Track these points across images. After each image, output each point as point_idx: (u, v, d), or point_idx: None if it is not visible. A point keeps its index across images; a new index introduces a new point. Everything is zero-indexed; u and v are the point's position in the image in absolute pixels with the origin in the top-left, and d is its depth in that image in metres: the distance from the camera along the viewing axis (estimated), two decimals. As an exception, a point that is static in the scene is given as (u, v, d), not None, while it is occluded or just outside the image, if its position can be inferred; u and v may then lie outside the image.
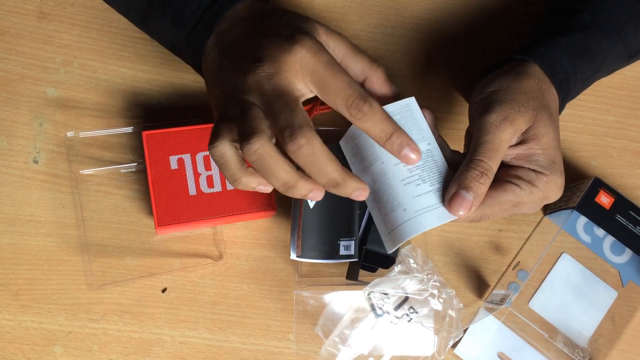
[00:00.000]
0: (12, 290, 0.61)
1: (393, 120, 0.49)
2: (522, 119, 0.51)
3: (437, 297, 0.58)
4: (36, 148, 0.64)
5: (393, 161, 0.52)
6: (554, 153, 0.52)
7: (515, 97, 0.52)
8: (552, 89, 0.55)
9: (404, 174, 0.52)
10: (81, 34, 0.66)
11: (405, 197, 0.51)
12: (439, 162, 0.52)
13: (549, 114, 0.53)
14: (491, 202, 0.51)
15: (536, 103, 0.53)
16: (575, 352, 0.62)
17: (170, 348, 0.61)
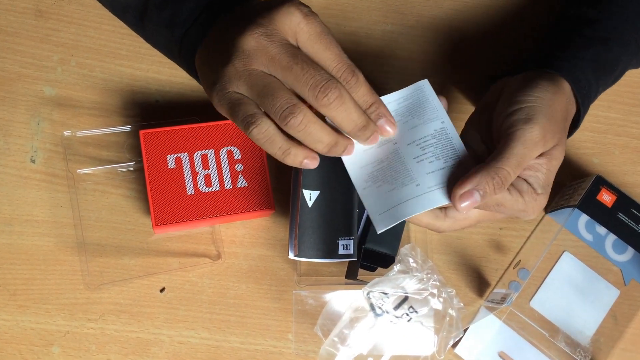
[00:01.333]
0: (9, 290, 0.61)
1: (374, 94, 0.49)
2: (551, 140, 0.51)
3: (437, 297, 0.58)
4: (33, 147, 0.63)
5: (406, 141, 0.52)
6: (552, 178, 0.52)
7: (554, 116, 0.51)
8: (575, 106, 0.55)
9: (417, 152, 0.51)
10: (78, 32, 0.65)
11: (418, 173, 0.51)
12: (454, 140, 0.51)
13: (565, 140, 0.53)
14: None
15: (563, 126, 0.53)
16: (576, 352, 0.62)
17: (169, 348, 0.61)
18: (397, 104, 0.53)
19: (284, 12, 0.47)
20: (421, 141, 0.52)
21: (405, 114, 0.53)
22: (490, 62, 0.68)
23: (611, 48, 0.57)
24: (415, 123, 0.52)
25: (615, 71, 0.59)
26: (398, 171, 0.51)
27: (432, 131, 0.52)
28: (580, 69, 0.55)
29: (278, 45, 0.46)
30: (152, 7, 0.56)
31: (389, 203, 0.51)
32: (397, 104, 0.53)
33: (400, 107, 0.53)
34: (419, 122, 0.52)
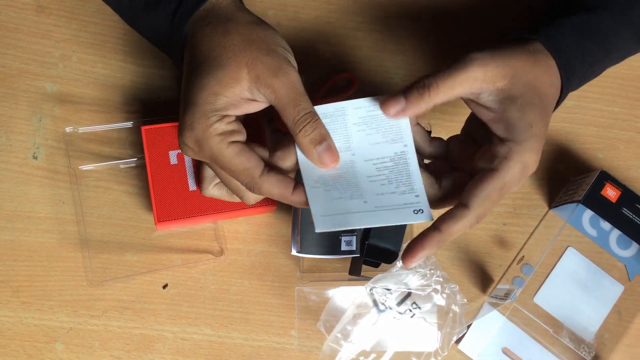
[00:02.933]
0: (12, 287, 0.61)
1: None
2: (496, 70, 0.49)
3: (441, 293, 0.58)
4: (35, 144, 0.63)
5: (365, 156, 0.51)
6: (532, 117, 0.50)
7: (500, 51, 0.51)
8: (552, 64, 0.53)
9: (372, 171, 0.51)
10: (79, 27, 0.65)
11: (368, 191, 0.51)
12: (412, 166, 0.51)
13: (531, 81, 0.51)
14: (478, 201, 0.48)
15: (519, 65, 0.50)
16: (580, 347, 0.62)
17: (172, 344, 0.61)
18: (366, 111, 0.52)
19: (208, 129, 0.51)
20: (378, 162, 0.51)
21: (372, 125, 0.52)
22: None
23: (600, 16, 0.56)
24: (377, 140, 0.51)
25: (604, 42, 0.56)
26: (350, 183, 0.51)
27: (392, 153, 0.51)
28: (559, 34, 0.54)
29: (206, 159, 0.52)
30: (138, 14, 0.57)
31: (334, 208, 0.50)
32: (366, 111, 0.52)
33: (369, 116, 0.52)
34: (382, 140, 0.51)
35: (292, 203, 0.51)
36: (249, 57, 0.50)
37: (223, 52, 0.51)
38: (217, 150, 0.50)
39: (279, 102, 0.50)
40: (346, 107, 0.52)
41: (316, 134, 0.50)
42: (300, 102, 0.50)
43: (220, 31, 0.52)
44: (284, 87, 0.50)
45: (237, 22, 0.52)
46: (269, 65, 0.50)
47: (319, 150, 0.50)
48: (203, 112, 0.50)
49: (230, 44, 0.51)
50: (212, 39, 0.52)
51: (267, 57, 0.50)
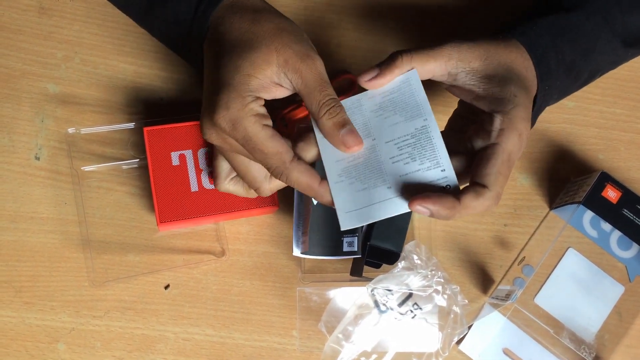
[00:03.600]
0: (15, 287, 0.61)
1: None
2: (469, 51, 0.52)
3: (442, 294, 0.58)
4: (38, 144, 0.63)
5: (385, 138, 0.51)
6: (513, 88, 0.51)
7: (473, 41, 0.53)
8: (529, 60, 0.54)
9: (394, 152, 0.51)
10: (82, 29, 0.65)
11: (392, 175, 0.51)
12: (435, 138, 0.50)
13: (505, 61, 0.52)
14: (493, 178, 0.49)
15: (492, 49, 0.52)
16: (581, 348, 0.62)
17: (174, 344, 0.61)
18: (382, 97, 0.52)
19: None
20: (399, 140, 0.51)
21: (389, 108, 0.52)
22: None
23: (574, 17, 0.57)
24: (396, 120, 0.52)
25: (579, 42, 0.57)
26: (372, 170, 0.51)
27: (412, 130, 0.51)
28: (533, 31, 0.55)
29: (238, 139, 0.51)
30: (156, 5, 0.57)
31: (358, 203, 0.50)
32: (382, 97, 0.52)
33: (385, 101, 0.52)
34: (401, 120, 0.52)
35: (317, 195, 0.51)
36: (278, 43, 0.51)
37: (253, 37, 0.52)
38: (252, 130, 0.50)
39: (305, 87, 0.51)
40: (361, 99, 0.53)
41: (340, 118, 0.51)
42: (325, 88, 0.51)
43: (249, 19, 0.53)
44: (311, 73, 0.51)
45: (265, 14, 0.53)
46: (297, 52, 0.51)
47: (343, 132, 0.51)
48: (239, 92, 0.50)
49: (260, 30, 0.52)
50: (241, 25, 0.53)
51: (296, 45, 0.51)
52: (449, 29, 0.68)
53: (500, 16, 0.68)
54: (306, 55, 0.51)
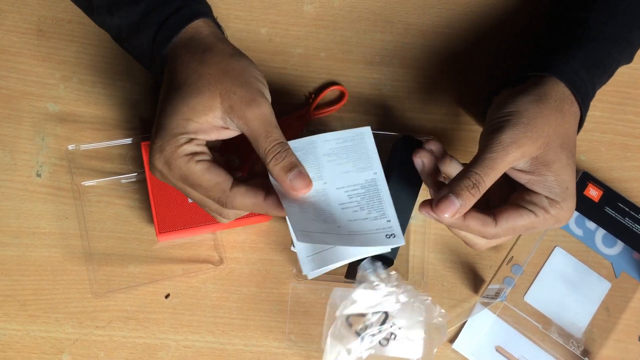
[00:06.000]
0: (19, 300, 0.63)
1: None
2: (532, 145, 0.52)
3: (413, 305, 0.58)
4: (39, 162, 0.65)
5: (336, 184, 0.53)
6: (567, 179, 0.53)
7: (531, 122, 0.52)
8: (575, 106, 0.56)
9: (344, 199, 0.53)
10: (79, 50, 0.68)
11: (341, 218, 0.52)
12: (382, 193, 0.53)
13: (563, 141, 0.54)
14: (506, 225, 0.52)
15: (551, 130, 0.53)
16: (569, 343, 0.64)
17: (175, 352, 0.63)
18: (335, 143, 0.55)
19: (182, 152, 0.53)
20: (350, 188, 0.53)
21: (342, 155, 0.55)
22: (479, 64, 0.70)
23: (602, 46, 0.58)
24: (348, 168, 0.54)
25: (608, 69, 0.60)
26: (323, 210, 0.52)
27: (362, 180, 0.54)
28: (575, 71, 0.56)
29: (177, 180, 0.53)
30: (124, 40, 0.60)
31: (310, 227, 0.51)
32: (335, 143, 0.55)
33: (338, 147, 0.55)
34: (352, 169, 0.54)
35: (266, 211, 0.52)
36: (222, 88, 0.52)
37: (198, 80, 0.53)
38: (186, 168, 0.52)
39: (251, 133, 0.52)
40: (316, 141, 0.55)
41: (287, 162, 0.52)
42: (271, 133, 0.52)
43: (197, 60, 0.54)
44: (256, 119, 0.52)
45: (214, 53, 0.54)
46: (242, 97, 0.52)
47: (290, 177, 0.52)
48: (172, 135, 0.52)
49: (206, 73, 0.53)
50: (189, 66, 0.54)
51: (241, 89, 0.52)
52: (434, 40, 0.70)
53: (485, 24, 0.71)
54: (251, 100, 0.52)
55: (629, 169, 0.68)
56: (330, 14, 0.70)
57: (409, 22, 0.70)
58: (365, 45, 0.70)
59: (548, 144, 0.52)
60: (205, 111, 0.52)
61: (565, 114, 0.54)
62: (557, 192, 0.53)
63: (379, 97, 0.69)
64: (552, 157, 0.52)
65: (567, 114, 0.55)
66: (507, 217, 0.52)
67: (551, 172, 0.52)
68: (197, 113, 0.52)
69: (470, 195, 0.51)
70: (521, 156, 0.52)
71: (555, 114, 0.54)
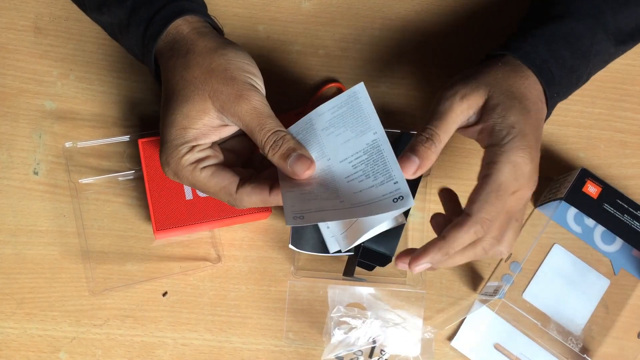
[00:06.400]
0: (16, 299, 0.63)
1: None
2: (474, 93, 0.52)
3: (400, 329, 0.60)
4: (36, 160, 0.65)
5: (339, 157, 0.52)
6: (514, 119, 0.51)
7: (471, 75, 0.54)
8: (528, 73, 0.55)
9: (349, 170, 0.51)
10: (77, 47, 0.67)
11: (346, 192, 0.50)
12: (386, 152, 0.50)
13: (507, 90, 0.53)
14: (477, 207, 0.50)
15: (491, 79, 0.53)
16: (568, 340, 0.63)
17: (173, 350, 0.63)
18: (331, 113, 0.53)
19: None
20: (353, 158, 0.51)
21: (339, 124, 0.52)
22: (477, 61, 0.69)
23: (566, 23, 0.58)
24: (348, 136, 0.52)
25: (575, 45, 0.58)
26: (327, 188, 0.51)
27: (364, 145, 0.51)
28: (527, 44, 0.56)
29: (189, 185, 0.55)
30: (119, 39, 0.61)
31: (308, 206, 0.50)
32: (331, 113, 0.53)
33: (334, 117, 0.52)
34: (352, 135, 0.52)
35: (272, 204, 0.53)
36: (210, 89, 0.52)
37: (186, 85, 0.53)
38: (192, 178, 0.53)
39: (246, 129, 0.52)
40: (312, 117, 0.53)
41: (284, 149, 0.52)
42: (265, 124, 0.52)
43: (181, 64, 0.54)
44: (247, 114, 0.52)
45: (196, 53, 0.54)
46: (229, 95, 0.52)
47: (290, 162, 0.51)
48: (174, 147, 0.53)
49: (192, 77, 0.53)
50: (175, 73, 0.54)
51: (226, 87, 0.52)
52: (431, 37, 0.70)
53: (482, 22, 0.70)
54: (239, 96, 0.52)
55: (627, 166, 0.68)
56: (329, 11, 0.70)
57: (407, 19, 0.70)
58: (363, 42, 0.69)
59: (490, 91, 0.53)
60: (199, 116, 0.52)
61: (514, 71, 0.54)
62: (501, 133, 0.51)
63: (377, 94, 0.68)
64: (494, 102, 0.52)
65: (516, 71, 0.54)
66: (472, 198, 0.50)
67: (495, 113, 0.52)
68: (192, 119, 0.52)
69: (426, 148, 0.51)
70: (468, 106, 0.52)
71: (496, 68, 0.54)
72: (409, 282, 0.64)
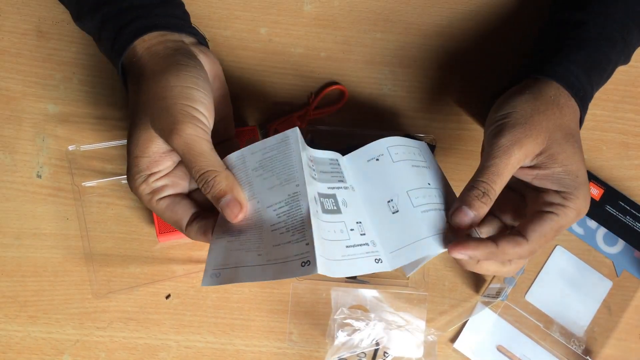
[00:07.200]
0: (20, 302, 0.63)
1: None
2: (533, 143, 0.52)
3: (403, 331, 0.60)
4: (39, 163, 0.65)
5: (267, 202, 0.49)
6: (575, 168, 0.53)
7: (529, 120, 0.52)
8: (572, 102, 0.55)
9: (274, 219, 0.48)
10: (79, 50, 0.68)
11: (267, 243, 0.48)
12: (303, 208, 0.47)
13: (564, 132, 0.53)
14: (536, 236, 0.51)
15: (550, 124, 0.53)
16: (571, 342, 0.64)
17: (176, 353, 0.63)
18: (262, 154, 0.51)
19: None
20: (277, 207, 0.49)
21: (268, 167, 0.50)
22: (478, 64, 0.70)
23: (600, 48, 0.58)
24: (274, 182, 0.50)
25: (606, 70, 0.60)
26: (254, 234, 0.49)
27: (286, 196, 0.48)
28: (572, 73, 0.56)
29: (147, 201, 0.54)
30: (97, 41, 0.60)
31: (228, 262, 0.48)
32: (262, 154, 0.51)
33: (264, 159, 0.51)
34: (277, 182, 0.49)
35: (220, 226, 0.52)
36: (150, 117, 0.51)
37: (136, 112, 0.52)
38: (151, 207, 0.54)
39: (183, 162, 0.51)
40: (244, 154, 0.51)
41: (215, 191, 0.50)
42: (196, 163, 0.49)
43: (134, 89, 0.54)
44: (180, 149, 0.50)
45: (145, 77, 0.53)
46: (163, 128, 0.50)
47: (221, 205, 0.50)
48: (131, 176, 0.53)
49: (141, 102, 0.52)
50: (132, 97, 0.54)
51: (159, 119, 0.50)
52: (434, 39, 0.70)
53: (484, 25, 0.71)
54: (170, 130, 0.49)
55: (629, 168, 0.68)
56: (330, 14, 0.70)
57: (409, 22, 0.70)
58: (365, 44, 0.70)
59: (550, 138, 0.52)
60: (146, 144, 0.51)
61: (563, 107, 0.55)
62: (567, 182, 0.52)
63: (379, 96, 0.69)
64: (556, 149, 0.52)
65: (565, 107, 0.55)
66: (534, 227, 0.51)
67: (557, 163, 0.52)
68: (141, 148, 0.52)
69: (482, 203, 0.51)
70: (524, 156, 0.52)
71: (552, 108, 0.54)
72: (412, 284, 0.64)
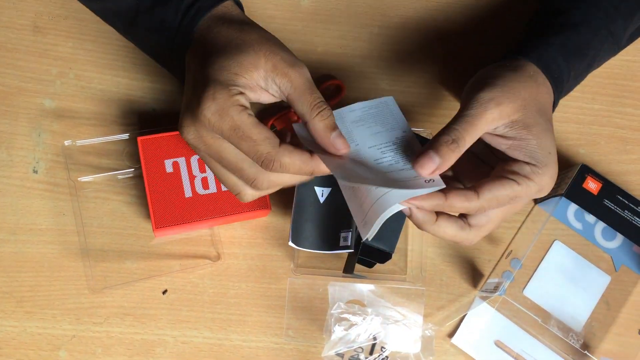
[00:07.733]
0: (16, 297, 0.63)
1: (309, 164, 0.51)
2: (510, 105, 0.52)
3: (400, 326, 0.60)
4: (35, 158, 0.65)
5: (368, 144, 0.53)
6: (549, 144, 0.53)
7: (508, 84, 0.53)
8: (547, 83, 0.56)
9: (377, 155, 0.53)
10: (76, 45, 0.67)
11: (378, 171, 0.51)
12: (414, 147, 0.53)
13: (539, 107, 0.54)
14: (489, 196, 0.51)
15: (527, 95, 0.53)
16: (569, 336, 0.63)
17: (173, 348, 0.63)
18: (362, 111, 0.55)
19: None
20: (382, 145, 0.53)
21: (370, 120, 0.54)
22: (475, 58, 0.70)
23: (581, 33, 0.58)
24: (378, 129, 0.54)
25: (587, 55, 0.59)
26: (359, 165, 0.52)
27: (393, 138, 0.53)
28: (549, 54, 0.57)
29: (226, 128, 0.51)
30: (142, 13, 0.59)
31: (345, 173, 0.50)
32: (362, 111, 0.55)
33: (365, 114, 0.55)
34: (382, 129, 0.54)
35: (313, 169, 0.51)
36: (266, 49, 0.52)
37: (241, 43, 0.53)
38: (239, 118, 0.50)
39: (294, 90, 0.52)
40: (343, 112, 0.55)
41: (331, 121, 0.51)
42: (315, 91, 0.52)
43: (237, 29, 0.55)
44: (300, 78, 0.52)
45: (251, 26, 0.55)
46: (284, 59, 0.52)
47: (334, 135, 0.51)
48: (225, 85, 0.51)
49: (249, 38, 0.53)
50: (229, 33, 0.54)
51: (283, 52, 0.53)
52: (430, 34, 0.70)
53: (481, 20, 0.70)
54: (294, 62, 0.52)
55: (628, 162, 0.68)
56: (327, 8, 0.70)
57: (406, 16, 0.70)
58: (362, 39, 0.69)
59: (526, 107, 0.52)
60: (251, 68, 0.52)
61: (540, 85, 0.55)
62: (539, 156, 0.52)
63: (377, 91, 0.68)
64: (531, 121, 0.52)
65: (542, 86, 0.55)
66: (490, 187, 0.51)
67: (532, 135, 0.52)
68: (244, 68, 0.52)
69: (449, 150, 0.50)
70: (499, 116, 0.51)
71: (530, 82, 0.54)
72: (409, 279, 0.64)
